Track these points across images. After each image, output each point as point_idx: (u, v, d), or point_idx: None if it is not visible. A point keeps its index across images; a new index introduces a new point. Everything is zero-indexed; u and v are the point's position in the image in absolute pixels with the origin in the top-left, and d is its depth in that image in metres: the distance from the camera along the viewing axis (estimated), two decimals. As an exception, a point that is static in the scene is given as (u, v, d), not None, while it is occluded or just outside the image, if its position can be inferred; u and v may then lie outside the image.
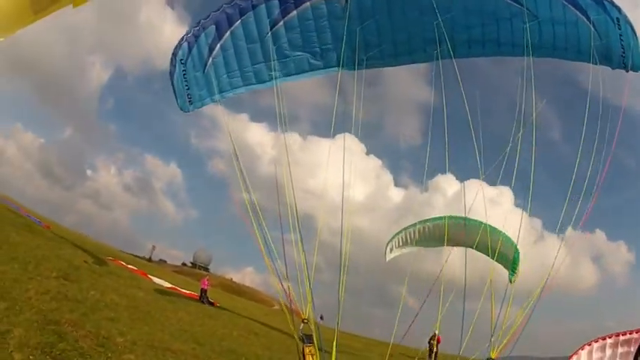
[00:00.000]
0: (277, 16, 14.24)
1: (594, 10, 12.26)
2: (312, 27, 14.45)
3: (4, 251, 17.54)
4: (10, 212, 33.31)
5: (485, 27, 13.64)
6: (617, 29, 12.19)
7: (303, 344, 8.50)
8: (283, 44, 14.85)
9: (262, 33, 14.58)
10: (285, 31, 14.58)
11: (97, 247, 54.42)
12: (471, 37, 13.95)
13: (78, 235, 69.00)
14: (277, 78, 15.00)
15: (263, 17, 14.43)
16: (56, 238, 32.01)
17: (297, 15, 14.20)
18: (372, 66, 15.08)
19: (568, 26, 12.77)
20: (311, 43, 14.77)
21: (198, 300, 35.54)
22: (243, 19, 14.49)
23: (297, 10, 14.07)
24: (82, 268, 23.79)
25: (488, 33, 13.75)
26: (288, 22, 14.41)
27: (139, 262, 60.98)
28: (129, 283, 27.49)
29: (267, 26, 14.49)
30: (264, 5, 14.22)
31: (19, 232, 23.97)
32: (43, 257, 20.78)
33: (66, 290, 17.71)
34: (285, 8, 14.10)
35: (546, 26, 12.95)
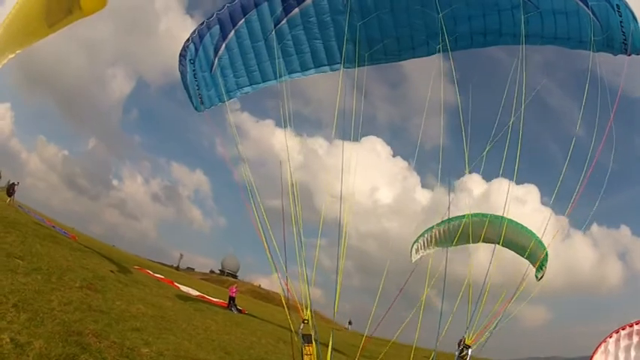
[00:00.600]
0: (280, 13, 14.20)
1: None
2: (315, 23, 14.40)
3: (27, 262, 17.19)
4: (34, 223, 33.21)
5: (486, 18, 13.54)
6: (618, 16, 12.01)
7: (302, 344, 8.10)
8: (287, 42, 14.84)
9: (266, 31, 14.57)
10: (288, 29, 14.55)
11: (124, 256, 54.38)
12: (473, 28, 13.86)
13: (104, 245, 69.21)
14: (282, 76, 15.04)
15: (266, 15, 14.42)
16: (82, 249, 31.75)
17: (300, 12, 14.12)
18: (376, 62, 15.03)
19: (569, 16, 12.65)
20: (314, 40, 14.75)
21: (227, 307, 35.11)
22: (247, 17, 14.49)
23: (300, 7, 14.03)
24: (107, 278, 23.43)
25: (490, 24, 13.64)
26: (292, 19, 14.35)
27: (166, 271, 60.83)
28: (155, 292, 27.10)
29: (270, 24, 14.48)
30: (266, 3, 14.20)
31: (42, 243, 23.70)
32: (67, 268, 20.44)
33: (90, 300, 17.33)
34: (288, 5, 14.06)
35: (547, 16, 12.86)
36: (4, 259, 15.97)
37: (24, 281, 15.40)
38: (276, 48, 14.76)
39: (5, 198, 39.03)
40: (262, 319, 36.19)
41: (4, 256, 16.17)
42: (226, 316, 30.43)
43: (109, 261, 33.05)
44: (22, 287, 14.79)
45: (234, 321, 28.93)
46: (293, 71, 15.37)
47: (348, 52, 14.52)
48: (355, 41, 14.23)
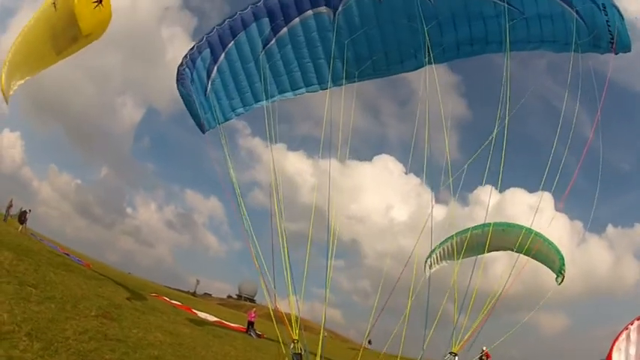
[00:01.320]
0: (269, 33, 14.23)
1: (579, 0, 12.11)
2: (303, 42, 14.42)
3: (40, 291, 16.61)
4: (48, 251, 32.74)
5: (472, 28, 13.55)
6: (604, 15, 12.00)
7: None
8: (277, 62, 14.84)
9: (256, 52, 14.60)
10: (277, 48, 14.55)
11: (140, 283, 53.83)
12: (459, 39, 13.87)
13: (120, 272, 68.73)
14: (274, 96, 15.07)
15: (255, 36, 14.46)
16: (96, 277, 31.25)
17: (288, 31, 14.16)
18: (365, 77, 15.02)
19: (554, 19, 12.62)
20: (303, 59, 14.76)
21: (245, 332, 34.40)
22: (236, 39, 14.50)
23: (288, 26, 14.05)
24: (123, 306, 22.83)
25: (476, 33, 13.65)
26: (280, 39, 14.38)
27: (183, 297, 60.20)
28: (173, 319, 26.42)
29: (259, 45, 14.52)
30: (255, 24, 14.18)
31: (56, 271, 23.14)
32: (82, 296, 19.88)
33: (106, 329, 16.71)
34: (276, 25, 14.06)
35: (533, 21, 12.82)
36: (17, 287, 15.41)
37: (37, 309, 14.81)
38: (266, 68, 14.76)
39: (17, 226, 38.67)
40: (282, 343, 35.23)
41: (16, 284, 15.61)
42: (245, 341, 29.62)
43: (125, 288, 32.48)
44: (35, 316, 14.19)
45: (254, 346, 28.12)
46: (283, 91, 15.36)
47: (336, 70, 14.49)
48: (343, 58, 14.29)
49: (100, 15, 16.98)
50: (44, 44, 18.23)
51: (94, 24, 17.22)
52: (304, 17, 14.06)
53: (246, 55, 14.76)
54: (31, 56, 18.80)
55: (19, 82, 19.75)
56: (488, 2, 12.93)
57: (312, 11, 14.03)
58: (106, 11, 17.12)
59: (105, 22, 17.73)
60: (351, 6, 13.71)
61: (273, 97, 14.98)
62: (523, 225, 23.54)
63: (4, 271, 16.54)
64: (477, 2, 13.10)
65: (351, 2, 13.66)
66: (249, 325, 35.02)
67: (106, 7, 17.05)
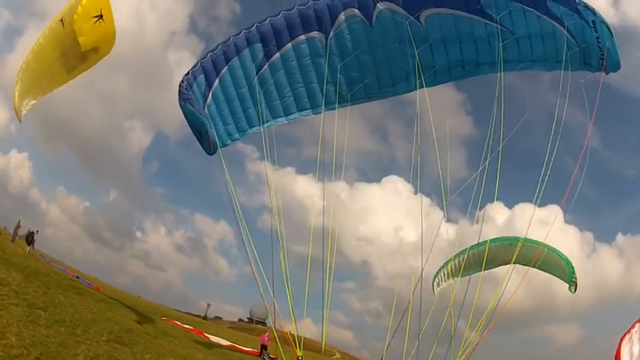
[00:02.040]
0: (262, 59, 14.18)
1: (569, 17, 12.06)
2: (296, 67, 14.42)
3: (49, 314, 15.88)
4: (57, 274, 32.09)
5: (463, 49, 13.54)
6: (594, 32, 11.99)
7: None
8: (270, 87, 14.81)
9: (249, 77, 14.54)
10: (270, 74, 14.55)
11: (151, 307, 53.05)
12: (450, 61, 13.84)
13: (130, 296, 68.06)
14: (268, 121, 15.03)
15: (248, 61, 14.37)
16: (107, 300, 30.54)
17: (281, 56, 14.16)
18: (358, 101, 15.00)
19: (545, 38, 12.59)
20: (296, 84, 14.71)
21: (259, 356, 33.49)
22: (230, 64, 14.42)
23: (280, 51, 14.05)
24: (134, 330, 22.04)
25: (467, 54, 13.64)
26: (273, 65, 14.37)
27: (194, 321, 59.27)
28: (185, 343, 25.56)
29: (253, 70, 14.46)
30: (248, 49, 14.13)
31: (65, 293, 22.45)
32: (92, 320, 19.13)
33: (118, 354, 15.91)
34: (269, 50, 14.01)
35: (524, 41, 12.83)
36: (26, 309, 14.68)
37: (46, 333, 14.04)
38: (260, 94, 14.73)
39: (25, 247, 38.08)
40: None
41: (25, 307, 14.88)
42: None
43: (136, 312, 31.73)
44: (44, 339, 13.41)
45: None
46: (277, 116, 15.38)
47: (329, 94, 14.53)
48: (336, 82, 14.37)
49: (102, 30, 16.66)
50: (55, 63, 17.93)
51: (96, 39, 16.94)
52: (297, 42, 14.04)
53: (239, 81, 14.69)
54: (43, 75, 18.51)
55: (32, 101, 19.47)
56: (479, 24, 12.89)
57: (304, 36, 14.02)
58: (108, 27, 16.82)
59: (110, 38, 17.41)
60: (342, 30, 13.68)
61: (267, 123, 14.91)
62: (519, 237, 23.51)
63: (12, 292, 15.81)
64: (468, 24, 13.05)
65: (343, 27, 13.64)
66: (262, 349, 34.12)
67: (108, 23, 16.75)
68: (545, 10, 12.28)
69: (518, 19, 12.61)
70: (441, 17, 13.27)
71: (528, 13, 12.49)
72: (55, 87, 19.30)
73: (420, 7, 13.18)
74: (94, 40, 16.96)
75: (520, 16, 12.54)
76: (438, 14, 13.24)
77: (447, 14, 13.23)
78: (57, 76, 18.68)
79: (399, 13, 13.27)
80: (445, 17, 13.26)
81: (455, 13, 13.16)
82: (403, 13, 13.21)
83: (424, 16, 13.24)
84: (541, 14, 12.35)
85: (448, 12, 13.21)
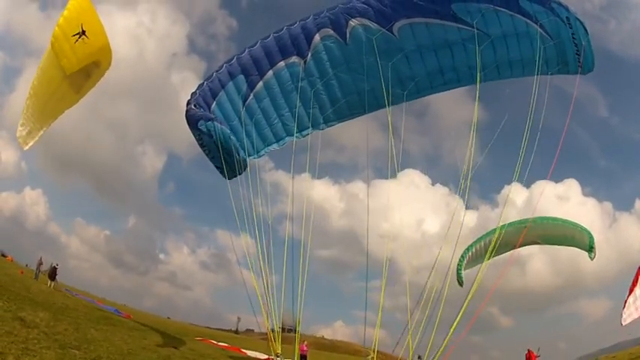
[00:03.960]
0: (246, 90, 14.30)
1: (543, 14, 12.02)
2: (279, 93, 14.55)
3: (84, 352, 14.95)
4: (85, 306, 31.39)
5: (439, 57, 13.57)
6: (569, 28, 11.94)
7: None
8: (257, 116, 14.89)
9: (237, 109, 14.55)
10: (256, 103, 14.63)
11: (182, 328, 52.35)
12: (429, 70, 13.82)
13: (159, 318, 67.52)
14: (259, 151, 15.14)
15: (234, 94, 14.38)
16: (139, 327, 29.76)
17: (264, 84, 14.31)
18: (343, 119, 15.20)
19: (520, 38, 12.59)
20: (282, 109, 14.84)
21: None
22: (217, 100, 14.47)
23: (263, 79, 14.21)
24: (172, 357, 21.19)
25: (444, 61, 13.66)
26: (257, 94, 14.46)
27: (227, 337, 58.57)
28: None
29: (239, 102, 14.50)
30: (231, 83, 14.21)
31: (97, 327, 21.64)
32: (128, 352, 18.27)
33: (161, 386, 15.14)
34: (252, 80, 14.17)
35: (499, 42, 12.78)
36: (59, 351, 13.74)
37: (84, 375, 13.22)
38: (249, 124, 14.94)
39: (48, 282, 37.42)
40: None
41: (57, 348, 13.94)
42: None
43: (169, 337, 30.97)
44: (82, 383, 12.60)
45: (312, 381, 26.31)
46: (269, 143, 15.49)
47: (314, 115, 14.83)
48: (320, 104, 14.62)
49: (87, 47, 15.75)
50: (61, 84, 17.11)
51: (82, 58, 16.03)
52: (277, 69, 14.20)
53: (229, 114, 14.64)
54: (51, 98, 17.75)
55: (44, 126, 18.82)
56: (453, 29, 12.87)
57: (283, 62, 14.14)
58: (96, 41, 15.92)
59: (104, 51, 16.56)
60: (319, 51, 13.84)
61: (259, 152, 15.07)
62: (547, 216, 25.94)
63: (42, 334, 14.90)
64: (442, 30, 13.05)
65: (319, 48, 13.80)
66: (302, 359, 33.21)
67: (95, 36, 15.83)
68: (518, 9, 12.23)
69: (491, 20, 12.54)
70: (414, 27, 13.27)
71: (501, 14, 12.44)
72: (65, 108, 18.60)
73: (392, 19, 13.23)
74: (81, 59, 16.06)
75: (493, 17, 12.48)
76: (411, 24, 13.25)
77: (420, 23, 13.24)
78: (66, 97, 17.95)
79: (371, 27, 13.35)
80: (418, 26, 13.27)
81: (428, 21, 13.15)
82: (376, 28, 13.30)
83: (397, 27, 13.30)
84: (514, 13, 12.31)
85: (421, 21, 13.22)
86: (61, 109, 18.45)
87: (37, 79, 17.40)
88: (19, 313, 16.93)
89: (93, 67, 16.97)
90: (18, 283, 28.14)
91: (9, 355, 11.51)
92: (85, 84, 17.67)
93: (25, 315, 16.80)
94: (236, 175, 15.01)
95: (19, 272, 37.36)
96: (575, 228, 25.44)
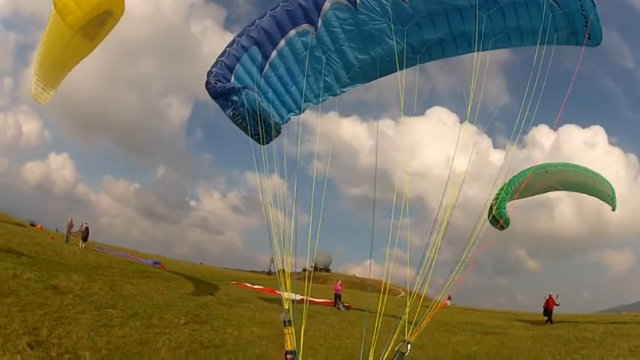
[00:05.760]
0: (262, 60, 13.97)
1: None
2: (294, 62, 14.29)
3: (121, 310, 15.09)
4: (119, 263, 31.81)
5: (450, 22, 13.07)
6: (578, 0, 11.66)
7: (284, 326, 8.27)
8: (276, 84, 14.44)
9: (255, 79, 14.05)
10: (272, 71, 14.23)
11: (216, 273, 53.31)
12: (440, 35, 13.46)
13: (193, 265, 68.81)
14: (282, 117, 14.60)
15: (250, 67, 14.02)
16: (173, 277, 30.18)
17: (278, 54, 14.01)
18: (357, 84, 14.89)
19: (529, 5, 12.12)
20: (297, 77, 14.48)
21: (334, 306, 32.74)
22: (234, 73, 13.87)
23: (276, 49, 13.98)
24: (209, 304, 21.41)
25: (455, 27, 13.13)
26: (272, 63, 14.13)
27: (261, 278, 59.50)
28: (261, 306, 24.89)
29: (256, 73, 14.15)
30: (246, 55, 13.94)
31: (132, 281, 21.91)
32: (165, 303, 18.46)
33: (199, 336, 15.23)
34: (266, 51, 13.86)
35: (508, 8, 12.36)
36: (95, 313, 13.84)
37: (122, 334, 13.22)
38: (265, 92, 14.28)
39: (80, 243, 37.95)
40: (370, 311, 33.69)
41: (93, 311, 14.04)
42: (337, 317, 27.88)
43: (204, 283, 31.38)
44: (121, 342, 12.59)
45: (348, 320, 26.26)
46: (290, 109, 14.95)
47: (329, 83, 14.59)
48: (333, 70, 14.37)
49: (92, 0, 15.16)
50: (73, 39, 16.76)
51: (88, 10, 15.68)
52: (288, 38, 13.94)
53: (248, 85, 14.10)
54: (65, 52, 17.43)
55: (60, 79, 18.64)
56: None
57: (294, 31, 13.88)
58: None
59: None
60: (329, 18, 13.61)
61: (283, 118, 14.47)
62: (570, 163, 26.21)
63: (76, 298, 15.01)
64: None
65: (329, 15, 13.52)
66: (337, 298, 33.36)
67: None
68: None
69: None
70: None
71: None
72: (80, 58, 18.41)
73: None
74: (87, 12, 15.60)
75: None
76: None
77: None
78: (80, 48, 17.63)
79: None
80: None
81: None
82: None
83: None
84: None
85: None
86: (76, 59, 18.19)
87: (47, 35, 17.02)
88: (52, 280, 17.09)
89: (106, 15, 16.56)
90: (49, 250, 28.58)
91: (42, 329, 11.56)
92: (100, 32, 17.29)
93: (58, 282, 16.95)
94: (272, 139, 14.91)
95: (49, 239, 37.64)
96: (595, 177, 25.39)
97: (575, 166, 25.90)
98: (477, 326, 27.61)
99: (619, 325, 26.68)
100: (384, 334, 9.12)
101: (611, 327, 25.35)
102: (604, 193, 25.64)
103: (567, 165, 26.03)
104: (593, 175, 25.34)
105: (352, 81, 14.82)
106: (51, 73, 18.04)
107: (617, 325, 26.74)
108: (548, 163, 25.56)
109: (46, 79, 18.19)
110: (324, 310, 29.47)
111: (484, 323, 30.33)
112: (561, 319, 31.23)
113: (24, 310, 13.04)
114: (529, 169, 23.29)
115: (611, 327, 25.35)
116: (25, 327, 11.65)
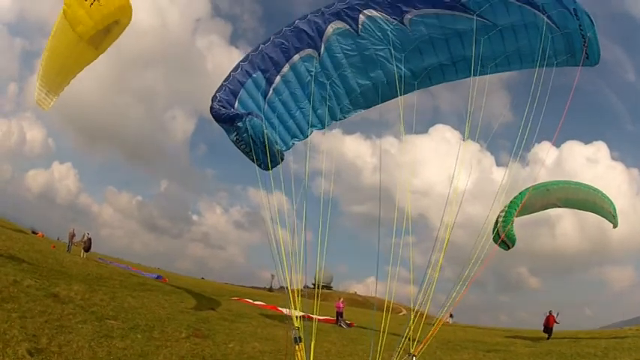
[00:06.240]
0: (266, 86, 14.17)
1: (550, 5, 11.96)
2: (298, 87, 14.45)
3: (122, 321, 14.90)
4: (120, 274, 31.63)
5: (450, 46, 13.56)
6: (576, 20, 11.96)
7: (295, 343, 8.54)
8: (280, 110, 14.64)
9: (259, 105, 14.27)
10: (276, 96, 14.45)
11: (217, 289, 52.99)
12: (441, 60, 13.83)
13: (194, 280, 68.50)
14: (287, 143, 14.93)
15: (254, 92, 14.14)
16: (175, 291, 29.97)
17: (282, 79, 14.25)
18: (358, 110, 15.22)
19: (528, 27, 12.60)
20: (301, 102, 14.78)
21: (335, 323, 32.53)
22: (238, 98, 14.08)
23: (280, 74, 14.18)
24: (210, 318, 21.21)
25: (455, 51, 13.61)
26: (276, 89, 14.36)
27: (263, 295, 59.20)
28: (262, 322, 24.72)
29: (260, 99, 14.29)
30: (250, 81, 14.08)
31: (133, 294, 21.71)
32: (166, 317, 18.26)
33: (201, 350, 15.05)
34: (270, 76, 14.09)
35: (508, 32, 12.84)
36: (96, 323, 13.66)
37: (123, 345, 13.03)
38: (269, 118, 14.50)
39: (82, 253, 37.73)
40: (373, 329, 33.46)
41: (94, 321, 13.87)
42: (339, 334, 27.92)
43: (206, 298, 31.20)
44: (122, 354, 12.40)
45: (350, 338, 26.21)
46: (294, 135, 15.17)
47: (331, 107, 14.86)
48: (336, 94, 14.68)
49: (104, 9, 15.28)
50: (77, 46, 16.78)
51: (98, 21, 15.78)
52: (292, 62, 14.17)
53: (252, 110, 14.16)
54: (69, 59, 17.47)
55: (63, 85, 18.70)
56: (462, 19, 12.77)
57: (298, 55, 14.07)
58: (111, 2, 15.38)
59: (124, 9, 16.07)
60: (331, 43, 13.92)
61: (287, 144, 14.82)
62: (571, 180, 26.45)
63: (77, 308, 14.83)
64: (452, 20, 12.93)
65: (332, 40, 13.84)
66: (339, 316, 33.17)
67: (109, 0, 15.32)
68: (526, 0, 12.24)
69: (500, 10, 12.53)
70: (425, 18, 13.28)
71: (510, 4, 12.39)
72: (84, 65, 18.45)
73: (403, 11, 13.23)
74: (98, 22, 15.66)
75: (502, 7, 12.48)
76: (422, 15, 13.26)
77: (431, 14, 13.23)
78: (84, 55, 17.69)
79: (383, 19, 13.42)
80: (428, 17, 13.27)
81: (437, 12, 13.17)
82: (387, 19, 13.38)
83: (407, 19, 13.34)
84: (522, 4, 12.19)
85: (431, 12, 13.21)
86: (80, 66, 18.24)
87: (52, 42, 17.03)
88: (53, 289, 16.92)
89: (113, 24, 16.60)
90: (50, 258, 28.26)
91: (42, 337, 11.40)
92: (105, 40, 17.34)
93: (58, 290, 16.78)
94: (275, 165, 14.94)
95: (50, 247, 37.22)
96: (596, 194, 25.38)
97: (576, 184, 25.99)
98: (479, 344, 27.37)
99: (620, 339, 26.51)
100: (387, 352, 9.06)
101: (612, 342, 25.22)
102: (605, 210, 25.59)
103: (568, 182, 26.14)
104: (594, 192, 25.37)
105: (354, 106, 15.03)
106: (55, 79, 18.11)
107: (618, 339, 26.55)
108: (549, 182, 25.65)
109: (50, 84, 18.27)
110: (326, 327, 29.26)
111: (486, 341, 30.09)
112: (563, 335, 30.95)
113: (24, 316, 12.90)
114: (528, 189, 23.38)
115: (612, 342, 25.22)
116: (25, 334, 11.52)
